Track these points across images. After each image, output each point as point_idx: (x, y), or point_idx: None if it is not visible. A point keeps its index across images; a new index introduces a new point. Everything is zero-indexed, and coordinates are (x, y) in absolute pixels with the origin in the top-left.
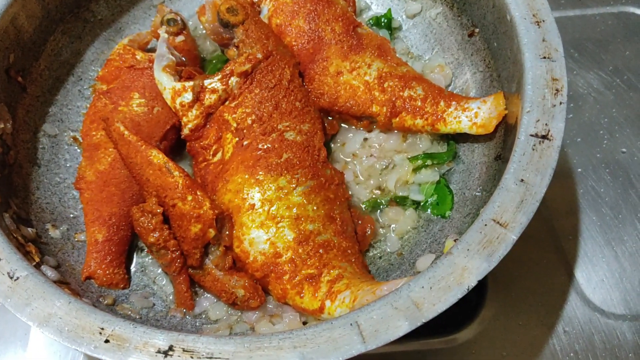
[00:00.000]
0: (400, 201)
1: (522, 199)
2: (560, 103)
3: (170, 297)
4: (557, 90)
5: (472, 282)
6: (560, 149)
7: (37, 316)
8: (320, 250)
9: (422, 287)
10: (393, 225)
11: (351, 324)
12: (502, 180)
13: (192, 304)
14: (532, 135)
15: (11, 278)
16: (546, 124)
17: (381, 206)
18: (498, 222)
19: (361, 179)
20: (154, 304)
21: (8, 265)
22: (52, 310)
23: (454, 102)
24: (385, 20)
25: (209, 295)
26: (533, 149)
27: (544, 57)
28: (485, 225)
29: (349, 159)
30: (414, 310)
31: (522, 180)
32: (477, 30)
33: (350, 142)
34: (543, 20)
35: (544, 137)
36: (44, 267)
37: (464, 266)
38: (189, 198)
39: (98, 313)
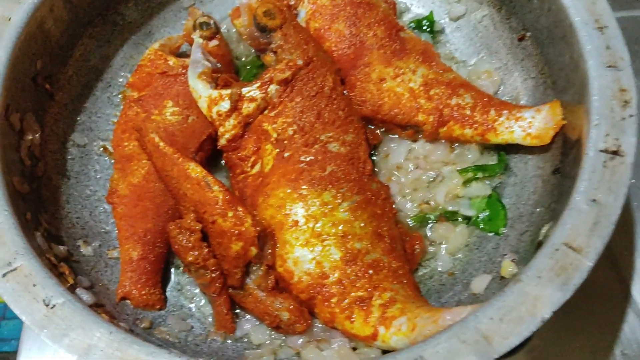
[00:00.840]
0: (450, 216)
1: (595, 221)
2: (630, 116)
3: (209, 319)
4: (625, 101)
5: (546, 314)
6: (633, 165)
7: (76, 348)
8: (370, 271)
9: (491, 318)
10: (443, 243)
11: (416, 359)
12: (572, 200)
13: (233, 326)
14: (601, 151)
15: (47, 306)
16: (617, 139)
17: (430, 222)
18: (571, 247)
19: (407, 192)
20: (192, 327)
21: (43, 291)
22: (92, 342)
23: (505, 111)
24: (427, 23)
25: (250, 317)
26: (604, 166)
27: (610, 66)
28: (557, 250)
29: (393, 171)
30: (484, 345)
31: (594, 200)
32: (528, 34)
33: (394, 153)
34: (606, 26)
35: (615, 152)
36: (79, 290)
37: (536, 295)
38: (230, 214)
39: (141, 344)
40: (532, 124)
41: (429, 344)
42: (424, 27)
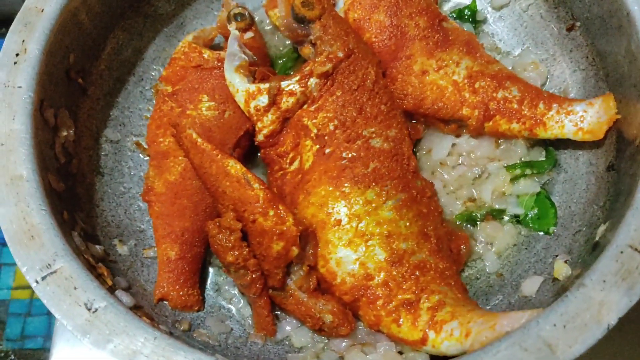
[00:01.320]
0: (497, 215)
1: None
2: None
3: (249, 321)
4: None
5: (612, 320)
6: None
7: (120, 354)
8: (417, 272)
9: (554, 325)
10: (490, 242)
11: None
12: (635, 199)
13: (274, 329)
14: None
15: (89, 310)
16: None
17: (476, 220)
18: (637, 249)
19: (451, 189)
20: (231, 329)
21: (85, 294)
22: (137, 348)
23: (555, 105)
24: (469, 13)
25: (290, 319)
26: None
27: None
28: (622, 252)
29: (436, 168)
30: (547, 353)
31: None
32: (577, 24)
33: (437, 148)
34: None
35: None
36: (118, 292)
37: (601, 301)
38: (271, 213)
39: (187, 350)
40: (584, 118)
41: (487, 352)
42: (466, 17)
